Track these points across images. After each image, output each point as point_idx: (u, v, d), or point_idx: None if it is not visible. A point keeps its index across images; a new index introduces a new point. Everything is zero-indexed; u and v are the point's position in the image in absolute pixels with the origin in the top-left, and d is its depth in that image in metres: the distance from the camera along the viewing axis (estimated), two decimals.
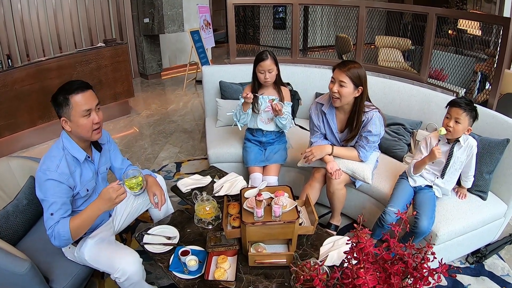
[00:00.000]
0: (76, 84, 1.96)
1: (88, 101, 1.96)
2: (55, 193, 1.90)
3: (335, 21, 6.81)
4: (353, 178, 2.74)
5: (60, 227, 1.87)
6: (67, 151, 2.01)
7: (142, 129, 5.53)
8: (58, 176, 1.91)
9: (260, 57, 2.87)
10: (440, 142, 2.44)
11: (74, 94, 1.92)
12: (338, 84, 2.47)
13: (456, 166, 2.46)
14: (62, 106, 1.93)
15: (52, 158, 1.96)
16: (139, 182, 2.00)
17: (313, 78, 3.85)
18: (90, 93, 1.99)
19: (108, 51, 5.47)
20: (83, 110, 1.94)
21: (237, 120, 3.04)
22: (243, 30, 8.71)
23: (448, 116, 2.33)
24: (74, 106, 1.92)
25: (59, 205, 1.90)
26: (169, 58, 8.44)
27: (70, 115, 1.94)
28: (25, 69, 4.60)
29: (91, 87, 2.03)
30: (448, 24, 4.24)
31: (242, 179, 2.81)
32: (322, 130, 2.76)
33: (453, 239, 2.47)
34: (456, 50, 4.17)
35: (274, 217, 1.93)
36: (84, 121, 1.96)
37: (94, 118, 2.00)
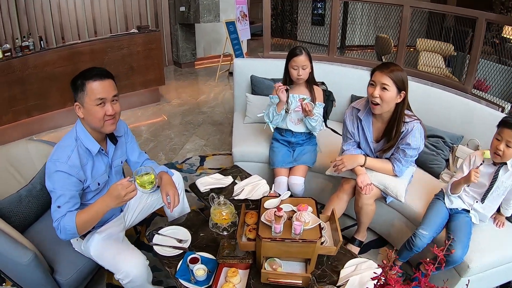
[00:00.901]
0: (96, 71, 1.85)
1: (104, 90, 1.85)
2: (63, 186, 1.81)
3: (375, 20, 6.56)
4: (384, 193, 2.52)
5: (66, 221, 1.77)
6: (80, 141, 1.91)
7: (170, 118, 5.47)
8: (68, 168, 1.81)
9: (294, 52, 2.70)
10: (485, 163, 2.18)
11: (92, 80, 1.82)
12: (379, 88, 2.23)
13: (499, 191, 2.19)
14: (78, 90, 1.84)
15: (64, 148, 1.86)
16: (151, 180, 1.85)
17: (349, 79, 3.62)
18: (108, 82, 1.87)
19: (141, 37, 5.45)
20: (97, 98, 1.83)
21: (269, 121, 2.89)
22: (281, 24, 8.54)
23: (499, 138, 2.06)
24: (89, 92, 1.82)
25: (67, 198, 1.81)
26: (203, 47, 8.38)
27: (84, 101, 1.83)
28: (57, 52, 4.66)
29: (112, 77, 1.91)
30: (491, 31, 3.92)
31: (265, 183, 2.64)
32: (356, 138, 2.54)
33: (486, 271, 2.22)
34: (499, 59, 3.85)
35: (293, 234, 1.74)
36: (96, 109, 1.85)
37: (108, 110, 1.87)
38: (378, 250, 2.80)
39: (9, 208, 2.23)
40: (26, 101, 4.50)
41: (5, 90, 4.32)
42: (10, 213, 2.23)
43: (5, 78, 4.28)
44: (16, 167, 2.45)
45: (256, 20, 10.34)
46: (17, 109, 4.47)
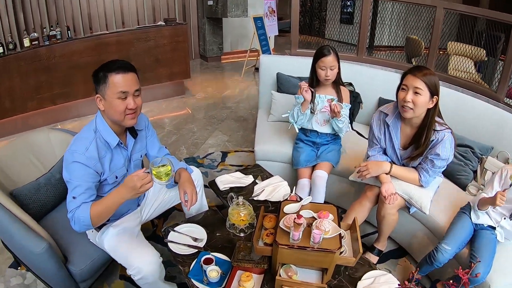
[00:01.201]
0: (118, 63, 1.82)
1: (126, 83, 1.81)
2: (80, 177, 1.79)
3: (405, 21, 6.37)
4: (408, 203, 2.41)
5: (80, 212, 1.75)
6: (99, 134, 1.88)
7: (194, 111, 5.46)
8: (85, 160, 1.79)
9: (322, 52, 2.61)
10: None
11: (114, 73, 1.78)
12: (412, 92, 2.11)
13: None
14: (100, 82, 1.80)
15: (82, 140, 1.84)
16: (168, 172, 1.78)
17: (378, 80, 3.49)
18: (131, 76, 1.84)
19: (168, 30, 5.46)
20: (119, 91, 1.79)
21: (294, 121, 2.81)
22: (309, 22, 8.42)
23: None
24: (111, 85, 1.78)
25: (83, 189, 1.79)
26: (230, 42, 8.34)
27: (105, 93, 1.80)
28: (84, 42, 4.75)
29: (135, 71, 1.87)
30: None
31: (287, 185, 2.56)
32: (382, 144, 2.43)
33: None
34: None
35: (312, 242, 1.67)
36: (117, 103, 1.81)
37: (129, 103, 1.84)
38: (397, 260, 2.69)
39: (28, 195, 2.25)
40: (52, 89, 4.57)
41: (31, 77, 4.40)
42: (28, 201, 2.24)
43: (32, 66, 4.36)
44: (36, 155, 2.47)
45: (284, 16, 10.24)
46: (43, 96, 4.54)
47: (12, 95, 4.39)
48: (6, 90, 4.33)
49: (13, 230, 1.90)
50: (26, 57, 4.33)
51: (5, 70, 4.27)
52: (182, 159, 4.03)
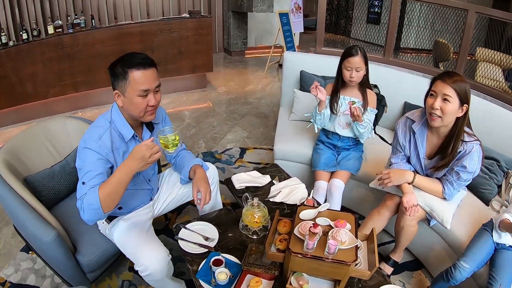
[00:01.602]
0: (138, 58, 1.73)
1: (148, 80, 1.74)
2: (91, 163, 1.72)
3: (432, 23, 6.19)
4: (429, 216, 2.29)
5: (89, 197, 1.64)
6: (114, 125, 1.83)
7: (215, 105, 5.41)
8: (97, 147, 1.73)
9: (350, 51, 2.50)
10: None
11: (135, 69, 1.71)
12: (440, 99, 1.99)
13: None
14: (118, 78, 1.73)
15: (96, 128, 1.80)
16: (176, 142, 1.72)
17: (404, 84, 3.34)
18: (152, 71, 1.77)
19: (192, 22, 5.43)
20: (141, 89, 1.73)
21: (313, 121, 2.73)
22: (335, 20, 8.28)
23: None
24: (131, 82, 1.71)
25: (94, 174, 1.70)
26: (255, 37, 8.28)
27: (125, 90, 1.73)
28: (107, 31, 4.77)
29: (155, 65, 1.80)
30: None
31: (304, 188, 2.47)
32: (407, 151, 2.32)
33: None
34: None
35: (327, 253, 1.59)
36: (138, 101, 1.75)
37: (151, 100, 1.78)
38: (412, 273, 2.57)
39: (41, 182, 2.25)
40: (74, 76, 4.63)
41: (54, 64, 4.45)
42: (41, 188, 2.24)
43: (55, 53, 4.42)
44: (52, 142, 2.46)
45: (310, 13, 10.13)
46: (65, 83, 4.60)
47: (35, 80, 4.45)
48: (29, 75, 4.39)
49: (24, 217, 1.90)
50: (50, 44, 4.38)
51: (29, 56, 4.33)
52: (200, 153, 3.99)
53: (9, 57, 4.22)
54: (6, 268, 2.49)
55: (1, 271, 2.47)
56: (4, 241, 2.74)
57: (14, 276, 2.43)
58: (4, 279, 2.41)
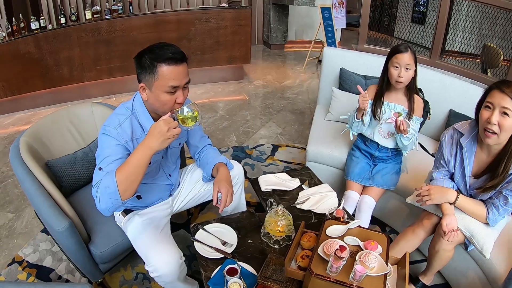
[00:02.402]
0: (170, 52, 1.59)
1: (178, 76, 1.61)
2: (110, 147, 1.62)
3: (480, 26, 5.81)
4: (468, 241, 2.06)
5: (105, 180, 1.51)
6: (136, 114, 1.73)
7: (251, 98, 5.31)
8: (117, 134, 1.63)
9: (398, 48, 2.25)
10: None
11: (165, 64, 1.57)
12: (498, 112, 1.74)
13: None
14: (146, 70, 1.60)
15: (117, 116, 1.70)
16: (195, 115, 1.60)
17: (451, 90, 3.03)
18: (183, 67, 1.63)
19: (230, 12, 5.36)
20: (170, 86, 1.60)
21: (349, 126, 2.53)
22: (378, 18, 7.97)
23: None
24: (160, 77, 1.58)
25: (112, 159, 1.58)
26: (295, 31, 8.14)
27: (152, 85, 1.61)
28: (144, 18, 4.79)
29: (187, 60, 1.66)
30: None
31: (335, 196, 2.29)
32: (451, 167, 2.07)
33: None
34: None
35: (352, 278, 1.41)
36: (166, 98, 1.63)
37: (179, 97, 1.65)
38: None
39: (63, 168, 2.23)
40: (110, 62, 4.68)
41: (91, 49, 4.52)
42: (62, 173, 2.22)
43: (92, 38, 4.49)
44: (77, 128, 2.43)
45: (353, 9, 9.87)
46: (101, 68, 4.66)
47: (71, 64, 4.52)
48: (66, 59, 4.47)
49: (39, 204, 1.87)
50: (87, 29, 4.44)
51: (66, 40, 4.40)
52: (230, 147, 3.88)
53: (47, 41, 4.29)
54: (26, 248, 2.53)
55: (21, 250, 2.51)
56: (26, 221, 2.80)
57: (32, 256, 2.47)
58: (22, 257, 2.46)
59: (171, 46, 1.63)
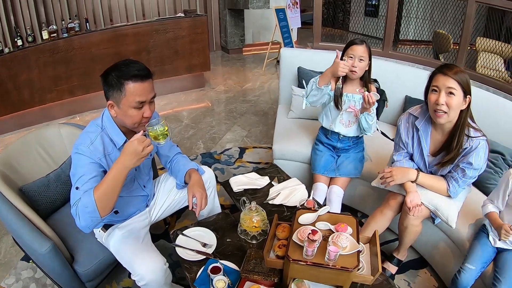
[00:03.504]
0: (135, 69, 1.66)
1: (144, 92, 1.68)
2: (84, 166, 1.67)
3: (431, 14, 6.12)
4: (434, 214, 2.23)
5: (84, 199, 1.58)
6: (106, 131, 1.78)
7: (214, 104, 5.38)
8: (89, 153, 1.68)
9: (353, 41, 2.41)
10: None
11: (131, 81, 1.64)
12: (445, 93, 1.91)
13: None
14: (113, 88, 1.67)
15: (88, 134, 1.75)
16: (165, 132, 1.68)
17: (405, 77, 3.26)
18: (149, 83, 1.71)
19: (187, 21, 5.40)
20: (137, 101, 1.67)
21: (304, 95, 2.56)
22: (332, 14, 8.18)
23: None
24: (127, 94, 1.65)
25: (88, 178, 1.64)
26: (252, 34, 8.23)
27: (120, 102, 1.67)
28: (102, 34, 4.77)
29: (151, 76, 1.74)
30: None
31: (304, 189, 2.42)
32: (410, 149, 2.25)
33: None
34: None
35: (327, 259, 1.53)
36: (134, 113, 1.70)
37: (146, 112, 1.73)
38: (417, 271, 2.52)
39: (37, 191, 2.22)
40: (70, 81, 4.62)
41: (50, 69, 4.45)
42: (37, 197, 2.22)
43: (51, 58, 4.42)
44: (47, 150, 2.43)
45: (307, 8, 10.04)
46: (62, 88, 4.61)
47: (32, 87, 4.44)
48: (25, 82, 4.39)
49: (19, 229, 1.88)
50: (45, 49, 4.37)
51: (25, 62, 4.32)
52: (199, 154, 3.95)
53: (5, 65, 4.22)
54: (7, 278, 2.49)
55: (2, 281, 2.46)
56: (4, 251, 2.74)
57: (15, 286, 2.43)
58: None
59: (136, 63, 1.70)
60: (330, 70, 2.37)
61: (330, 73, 2.38)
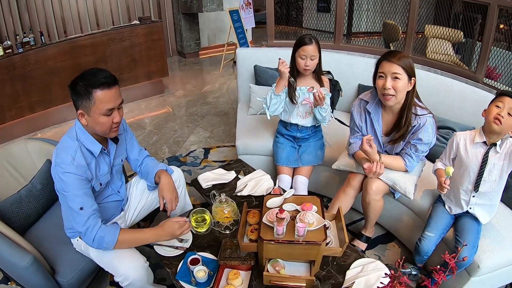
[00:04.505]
0: (102, 77, 1.72)
1: (112, 99, 1.75)
2: (75, 184, 1.75)
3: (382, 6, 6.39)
4: (392, 189, 2.43)
5: (105, 234, 1.79)
6: (81, 142, 1.83)
7: (175, 109, 5.41)
8: (75, 170, 1.75)
9: (303, 40, 2.54)
10: (475, 145, 2.03)
11: (99, 89, 1.70)
12: (390, 78, 2.11)
13: (492, 176, 2.02)
14: (81, 97, 1.72)
15: (66, 150, 1.79)
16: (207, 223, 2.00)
17: (356, 67, 3.49)
18: (116, 90, 1.78)
19: (142, 29, 5.38)
20: (106, 109, 1.74)
21: (266, 107, 2.71)
22: (286, 12, 8.35)
23: (500, 105, 1.90)
24: (96, 102, 1.71)
25: (83, 198, 1.77)
26: (207, 37, 8.27)
27: (90, 110, 1.73)
28: (58, 46, 4.64)
29: (117, 82, 1.80)
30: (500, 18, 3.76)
31: (269, 178, 2.56)
32: (364, 131, 2.43)
33: (496, 270, 2.12)
34: (508, 46, 3.68)
35: (297, 236, 1.66)
36: (104, 120, 1.77)
37: (115, 117, 1.80)
38: (386, 245, 2.72)
39: (10, 209, 2.21)
40: (29, 97, 4.48)
41: (7, 87, 4.31)
42: (11, 214, 2.20)
43: (7, 75, 4.27)
44: (15, 167, 2.42)
45: (261, 8, 10.18)
46: (21, 105, 4.46)
47: None
48: None
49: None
50: (1, 66, 4.22)
51: None
52: (165, 158, 4.00)
53: None
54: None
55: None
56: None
57: None
58: None
59: (103, 71, 1.77)
60: (280, 76, 2.57)
61: (281, 80, 2.58)
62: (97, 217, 1.81)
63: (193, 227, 1.96)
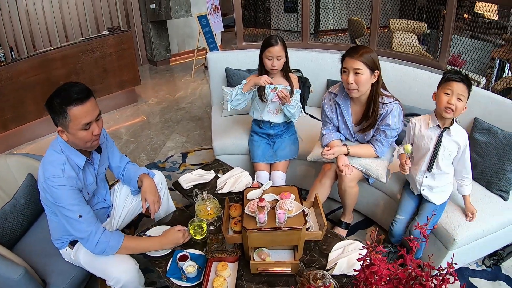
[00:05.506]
0: (74, 93, 1.71)
1: (88, 113, 1.75)
2: (69, 195, 1.78)
3: (348, 3, 6.58)
4: (366, 175, 2.55)
5: (111, 238, 1.87)
6: (67, 155, 1.85)
7: (149, 117, 5.42)
8: (67, 181, 1.78)
9: (269, 42, 2.64)
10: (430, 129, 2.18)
11: (73, 106, 1.70)
12: (352, 74, 2.24)
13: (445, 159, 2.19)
14: (58, 115, 1.73)
15: (54, 164, 1.80)
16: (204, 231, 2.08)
17: (324, 64, 3.63)
18: (91, 103, 1.76)
19: (113, 39, 5.35)
20: (83, 124, 1.75)
21: (230, 99, 2.74)
22: (254, 14, 8.45)
23: (448, 92, 2.01)
24: (72, 119, 1.72)
25: (79, 207, 1.81)
26: (177, 43, 8.28)
27: (68, 127, 1.74)
28: (29, 61, 4.55)
29: (92, 94, 1.80)
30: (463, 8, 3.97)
31: (248, 175, 2.65)
32: (335, 122, 2.57)
33: (471, 242, 2.28)
34: (472, 35, 3.90)
35: (278, 223, 1.76)
36: (83, 134, 1.78)
37: (94, 130, 1.82)
38: (365, 230, 2.87)
39: None
40: (2, 114, 4.37)
41: None
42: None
43: None
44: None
45: (229, 11, 10.23)
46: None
47: None
48: None
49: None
50: None
51: None
52: (144, 166, 4.03)
53: None
54: None
55: None
56: None
57: None
58: None
59: (76, 86, 1.76)
60: (254, 81, 2.66)
61: (253, 83, 2.67)
62: (98, 222, 1.86)
63: (192, 234, 2.06)
